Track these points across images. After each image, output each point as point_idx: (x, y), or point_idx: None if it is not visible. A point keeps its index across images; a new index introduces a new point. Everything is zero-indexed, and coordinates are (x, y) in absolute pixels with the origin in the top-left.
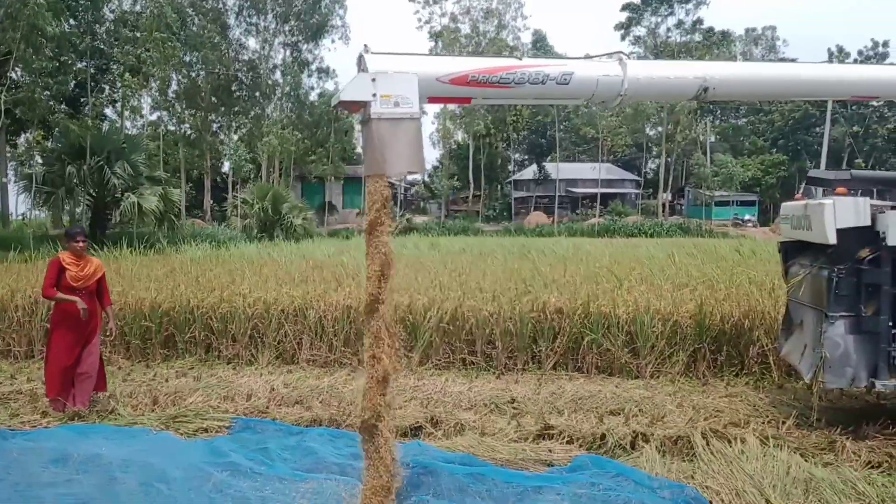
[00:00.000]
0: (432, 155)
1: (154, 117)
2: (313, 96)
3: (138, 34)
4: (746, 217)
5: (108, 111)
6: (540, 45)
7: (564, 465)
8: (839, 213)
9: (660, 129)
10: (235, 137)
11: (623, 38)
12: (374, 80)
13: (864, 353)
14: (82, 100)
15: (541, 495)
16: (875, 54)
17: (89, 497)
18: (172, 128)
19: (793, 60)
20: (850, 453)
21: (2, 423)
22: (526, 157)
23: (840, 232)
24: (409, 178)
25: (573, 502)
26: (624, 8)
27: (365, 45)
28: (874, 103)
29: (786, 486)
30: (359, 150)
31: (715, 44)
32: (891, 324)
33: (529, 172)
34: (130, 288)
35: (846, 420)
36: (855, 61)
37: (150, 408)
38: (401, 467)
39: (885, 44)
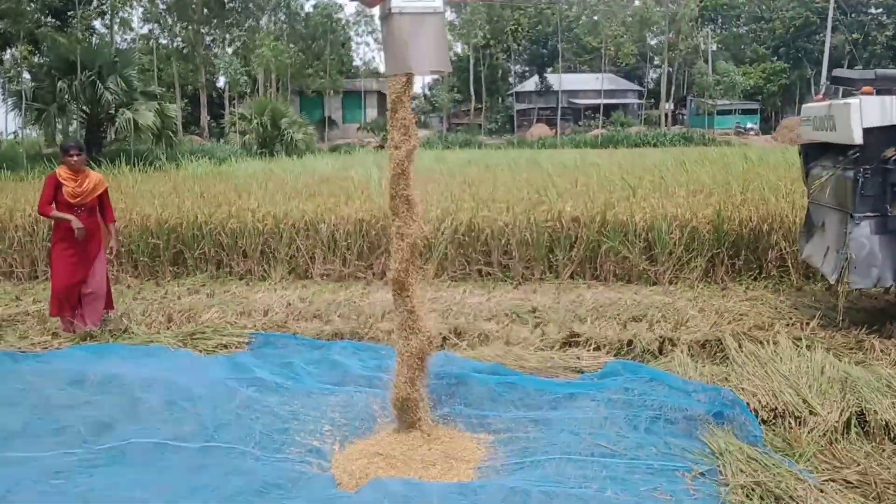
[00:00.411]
0: None
1: (145, 31)
2: (308, 7)
3: None
4: (749, 125)
5: (97, 24)
6: None
7: (595, 372)
8: (865, 112)
9: (661, 38)
10: (230, 51)
11: None
12: None
13: (889, 252)
14: (69, 13)
15: (575, 402)
16: None
17: (112, 418)
18: (164, 41)
19: None
20: (878, 352)
21: (11, 346)
22: (527, 68)
23: (866, 131)
24: (430, 78)
25: (608, 408)
26: None
27: None
28: (872, 10)
29: (821, 385)
30: (357, 62)
31: None
32: None
33: (531, 84)
34: (134, 204)
35: (869, 320)
36: None
37: (165, 326)
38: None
39: None
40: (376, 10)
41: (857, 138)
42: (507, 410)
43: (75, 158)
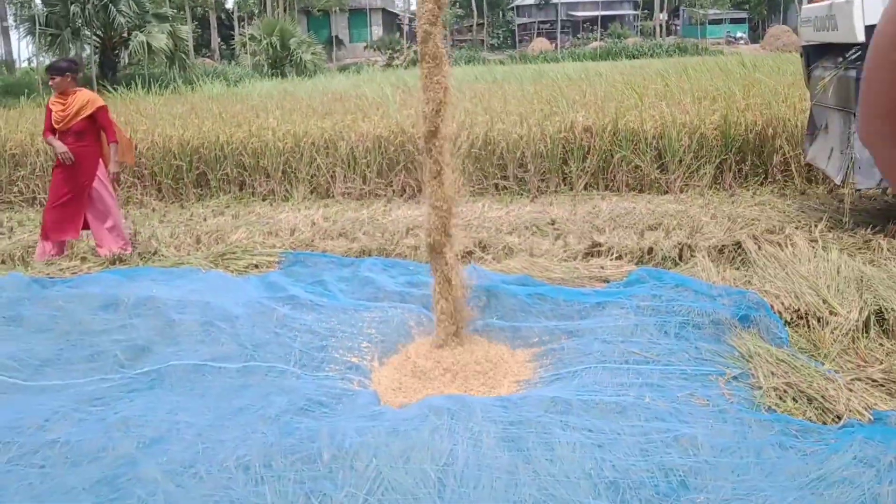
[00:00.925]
0: None
1: None
2: None
3: None
4: (738, 34)
5: None
6: None
7: (621, 280)
8: (868, 8)
9: None
10: None
11: None
12: None
13: None
14: None
15: (605, 310)
16: None
17: (149, 341)
18: None
19: None
20: (886, 252)
21: (39, 272)
22: None
23: (868, 29)
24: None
25: (638, 315)
26: None
27: None
28: None
29: (839, 285)
30: None
31: None
32: None
33: None
34: (155, 126)
35: (873, 221)
36: None
37: (195, 247)
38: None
39: None
40: None
41: (860, 36)
42: (539, 321)
43: (53, 81)
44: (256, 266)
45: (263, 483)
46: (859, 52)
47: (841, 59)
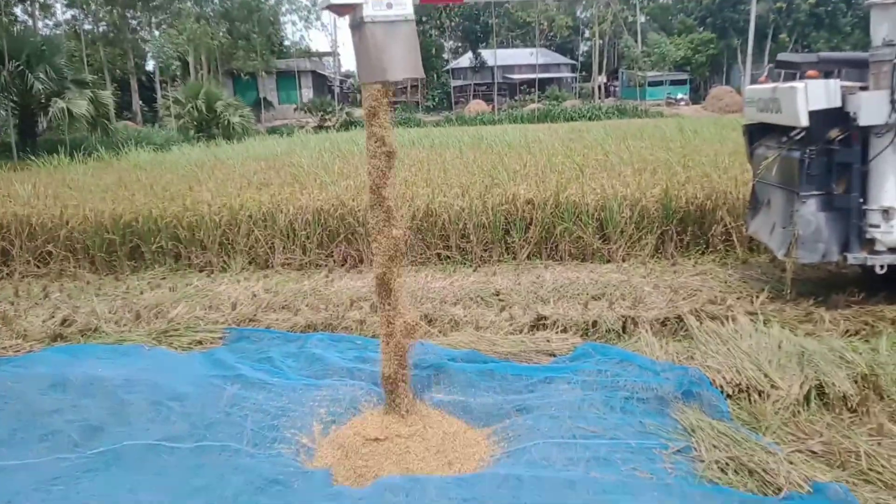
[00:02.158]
0: None
1: (68, 16)
2: None
3: None
4: (679, 96)
5: (18, 10)
6: None
7: (567, 354)
8: (811, 95)
9: (592, 10)
10: (157, 33)
11: None
12: None
13: (835, 229)
14: None
15: (552, 385)
16: None
17: (101, 421)
18: (88, 27)
19: None
20: (828, 323)
21: None
22: (460, 44)
23: (812, 114)
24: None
25: (584, 390)
26: None
27: None
28: None
29: (780, 360)
30: (287, 42)
31: None
32: (861, 201)
33: (466, 60)
34: (85, 200)
35: (815, 291)
36: None
37: (135, 323)
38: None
39: None
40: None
41: (804, 121)
42: (488, 397)
43: None
44: (200, 342)
45: None
46: (802, 134)
47: (785, 139)
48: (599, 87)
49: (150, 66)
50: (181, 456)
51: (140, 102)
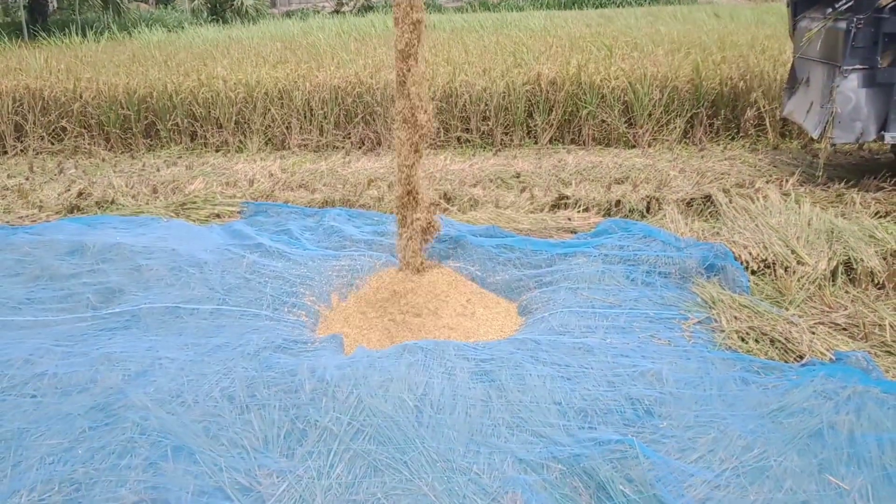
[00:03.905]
0: None
1: None
2: None
3: None
4: None
5: None
6: None
7: (588, 231)
8: None
9: None
10: None
11: None
12: None
13: (875, 106)
14: None
15: (572, 259)
16: None
17: (119, 285)
18: None
19: None
20: (858, 205)
21: None
22: None
23: None
24: None
25: (605, 264)
26: None
27: None
28: None
29: (808, 237)
30: None
31: None
32: None
33: None
34: (98, 74)
35: (847, 175)
36: None
37: (152, 196)
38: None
39: None
40: None
41: None
42: (507, 270)
43: None
44: (218, 216)
45: (249, 411)
46: (850, 4)
47: (830, 10)
48: None
49: None
50: (200, 317)
51: None
